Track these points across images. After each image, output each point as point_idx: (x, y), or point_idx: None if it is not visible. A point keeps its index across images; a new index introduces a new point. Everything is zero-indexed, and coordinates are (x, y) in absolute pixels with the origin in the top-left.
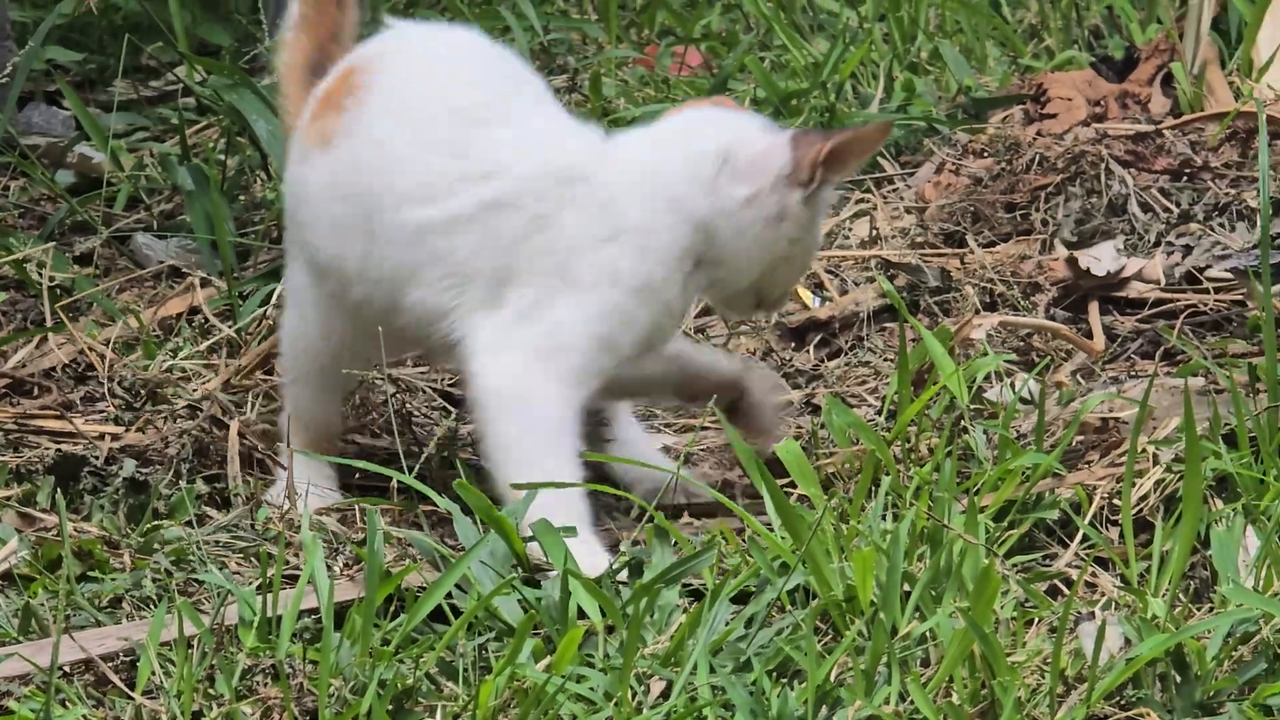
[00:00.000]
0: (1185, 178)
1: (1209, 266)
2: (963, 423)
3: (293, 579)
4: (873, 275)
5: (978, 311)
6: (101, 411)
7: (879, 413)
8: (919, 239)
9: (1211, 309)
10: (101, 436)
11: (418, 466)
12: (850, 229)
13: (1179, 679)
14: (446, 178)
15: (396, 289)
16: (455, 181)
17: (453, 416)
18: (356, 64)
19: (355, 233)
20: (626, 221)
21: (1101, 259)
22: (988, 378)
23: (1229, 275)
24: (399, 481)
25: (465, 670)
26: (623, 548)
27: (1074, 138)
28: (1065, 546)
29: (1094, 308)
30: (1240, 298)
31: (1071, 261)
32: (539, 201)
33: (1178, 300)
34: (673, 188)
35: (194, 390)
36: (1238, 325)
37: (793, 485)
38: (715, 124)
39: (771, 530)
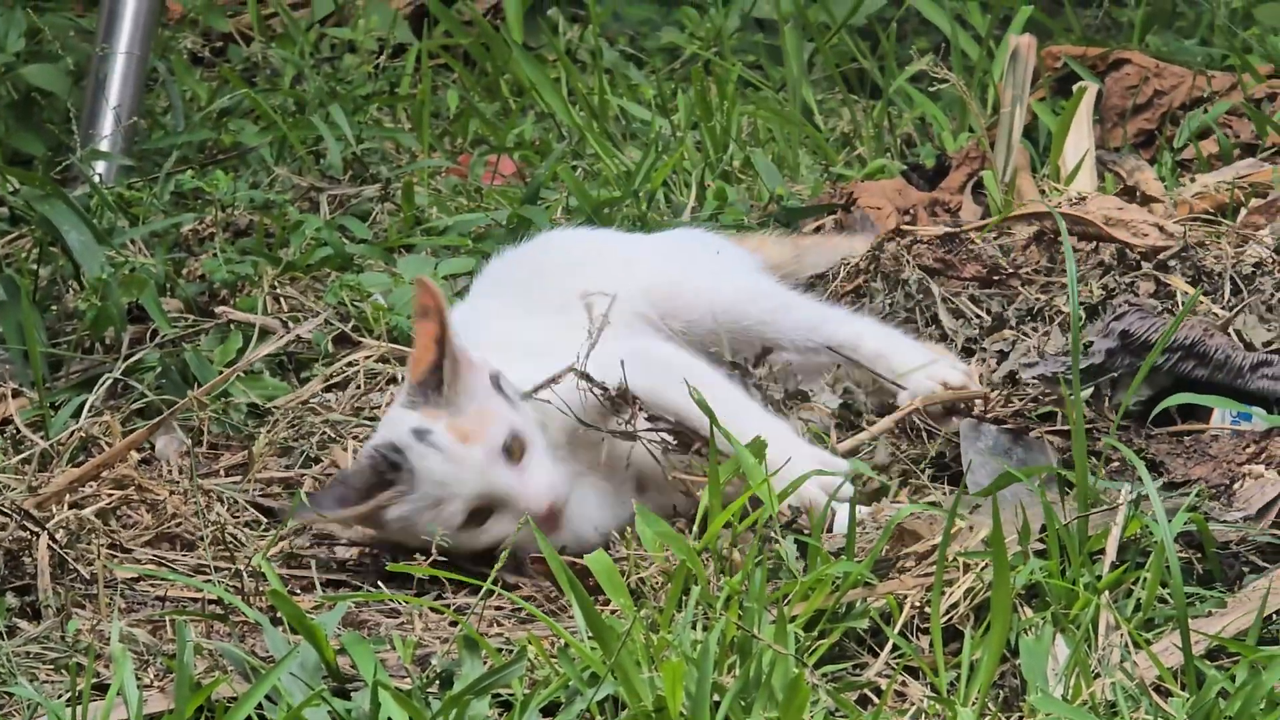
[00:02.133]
0: (995, 284)
1: (1018, 371)
2: (773, 532)
3: (103, 690)
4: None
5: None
6: None
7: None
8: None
9: (1025, 414)
10: None
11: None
12: None
13: None
14: None
15: None
16: None
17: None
18: None
19: None
20: None
21: None
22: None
23: (1036, 381)
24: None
25: None
26: (434, 660)
27: (881, 245)
28: (875, 655)
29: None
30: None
31: None
32: None
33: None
34: None
35: (5, 502)
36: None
37: (603, 595)
38: None
39: (581, 640)
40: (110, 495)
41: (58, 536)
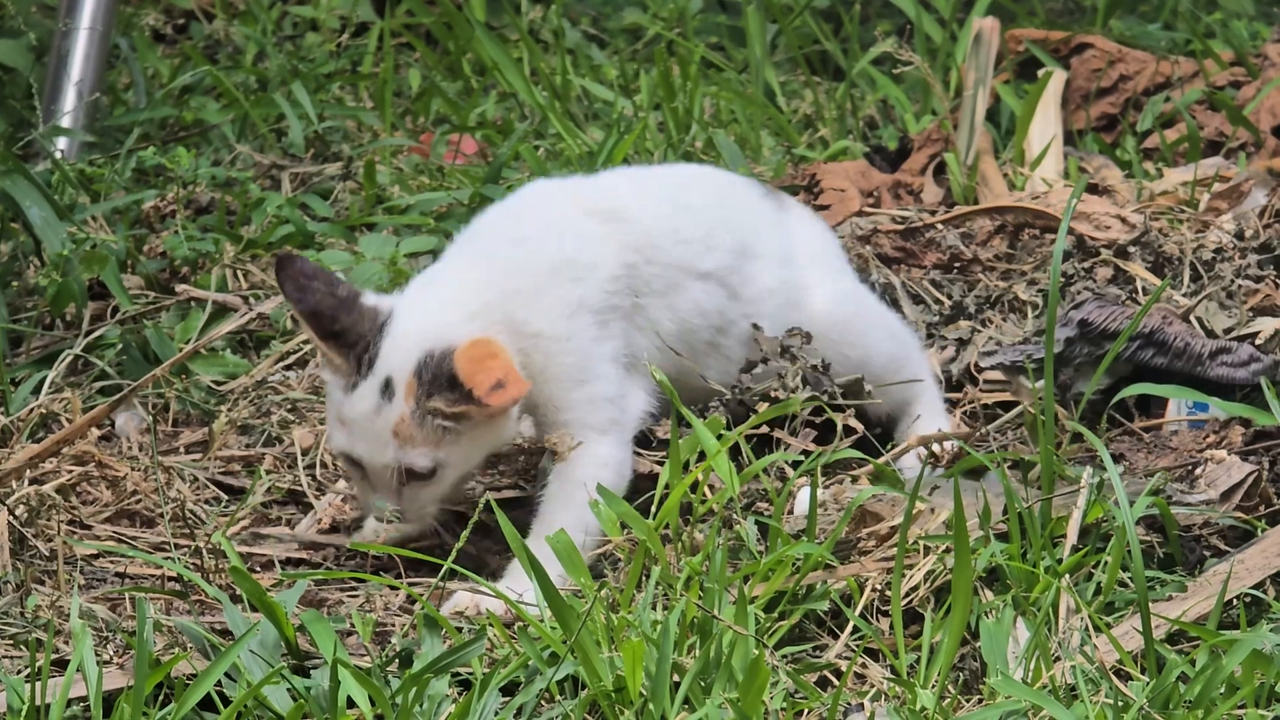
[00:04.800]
0: (955, 270)
1: (979, 360)
2: (734, 514)
3: (62, 666)
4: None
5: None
6: None
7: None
8: None
9: (986, 404)
10: None
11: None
12: None
13: None
14: None
15: None
16: None
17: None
18: None
19: None
20: None
21: None
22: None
23: (998, 372)
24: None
25: None
26: (393, 639)
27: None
28: (836, 637)
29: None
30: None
31: None
32: None
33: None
34: None
35: None
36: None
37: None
38: None
39: (541, 620)
40: (70, 471)
41: (17, 512)
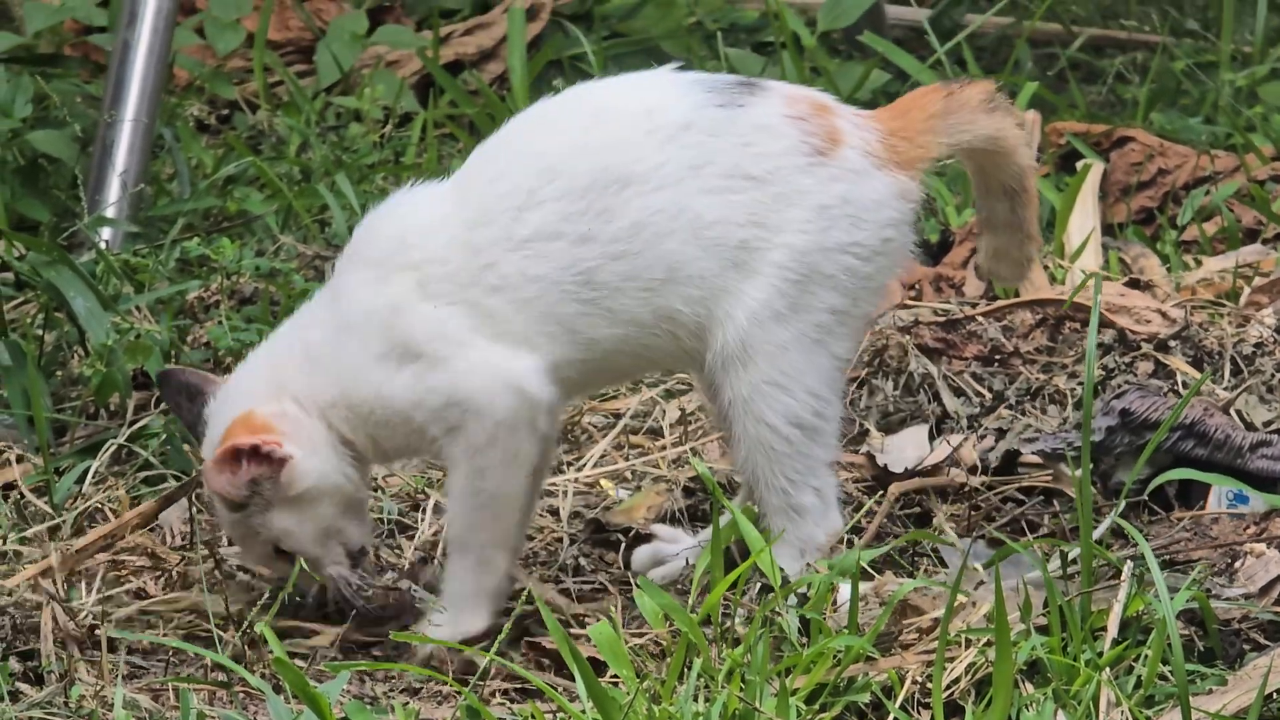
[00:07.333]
0: (996, 363)
1: (1019, 451)
2: (775, 605)
3: None
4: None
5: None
6: None
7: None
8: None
9: (1026, 492)
10: None
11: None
12: (664, 412)
13: None
14: None
15: None
16: None
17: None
18: None
19: None
20: None
21: (906, 447)
22: None
23: (1038, 460)
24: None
25: None
26: None
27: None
28: None
29: None
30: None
31: (870, 457)
32: None
33: (998, 488)
34: None
35: (10, 568)
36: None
37: (605, 665)
38: None
39: (584, 711)
40: (115, 561)
41: (62, 602)
